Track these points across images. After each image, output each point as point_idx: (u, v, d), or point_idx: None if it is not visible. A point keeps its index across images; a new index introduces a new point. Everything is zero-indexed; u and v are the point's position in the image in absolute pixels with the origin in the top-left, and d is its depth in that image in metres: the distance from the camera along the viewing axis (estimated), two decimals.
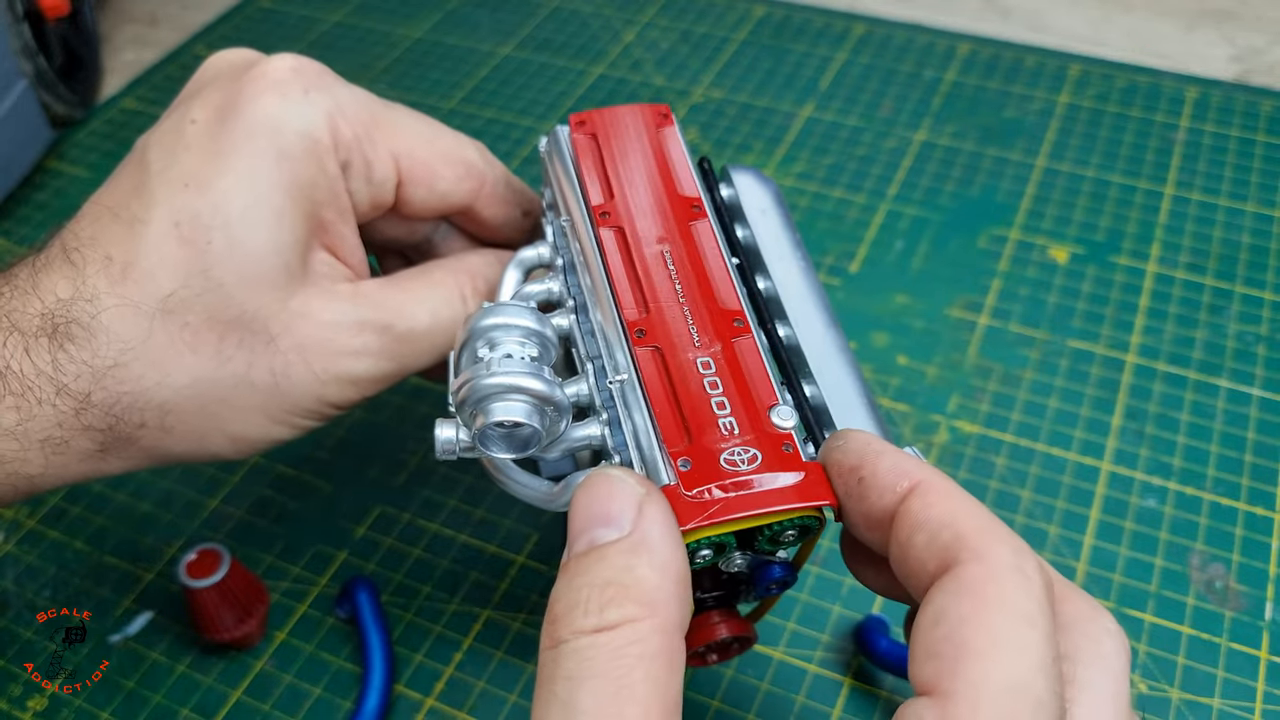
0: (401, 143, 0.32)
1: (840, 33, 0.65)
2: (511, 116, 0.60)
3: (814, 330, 0.28)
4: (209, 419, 0.29)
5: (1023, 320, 0.48)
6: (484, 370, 0.26)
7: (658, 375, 0.26)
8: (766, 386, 0.26)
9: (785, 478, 0.24)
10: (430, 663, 0.37)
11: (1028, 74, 0.61)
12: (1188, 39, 0.64)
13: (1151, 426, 0.43)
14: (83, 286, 0.28)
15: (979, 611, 0.20)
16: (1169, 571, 0.39)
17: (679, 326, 0.27)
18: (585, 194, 0.31)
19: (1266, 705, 0.35)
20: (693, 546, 0.24)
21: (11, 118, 0.54)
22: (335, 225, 0.31)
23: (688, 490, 0.24)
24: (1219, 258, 0.50)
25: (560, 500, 0.28)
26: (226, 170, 0.29)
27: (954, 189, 0.54)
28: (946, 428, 0.44)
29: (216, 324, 0.29)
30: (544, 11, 0.68)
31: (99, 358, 0.28)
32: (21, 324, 0.28)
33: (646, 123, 0.33)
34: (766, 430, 0.25)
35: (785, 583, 0.27)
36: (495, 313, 0.27)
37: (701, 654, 0.28)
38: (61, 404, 0.27)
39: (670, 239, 0.29)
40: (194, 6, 0.71)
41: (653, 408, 0.26)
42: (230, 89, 0.30)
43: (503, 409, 0.26)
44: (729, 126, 0.59)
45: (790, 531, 0.25)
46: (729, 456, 0.24)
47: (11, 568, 0.41)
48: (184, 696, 0.37)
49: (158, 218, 0.28)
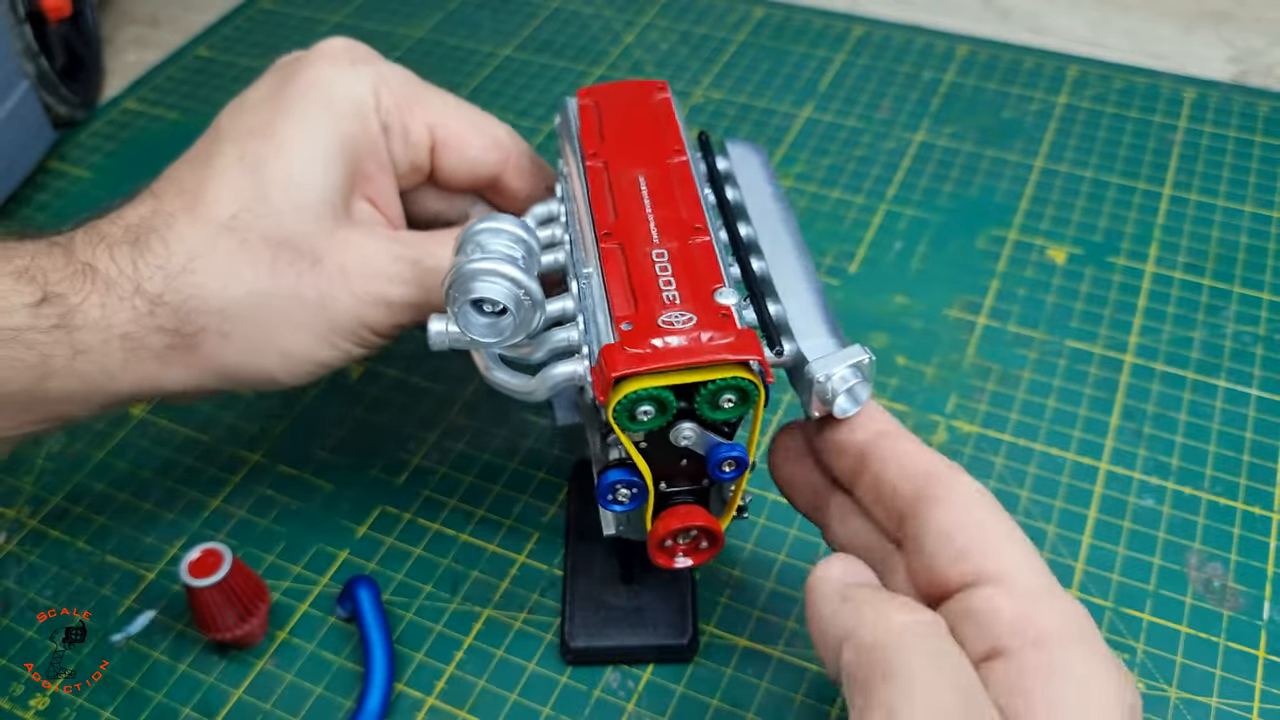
0: (436, 114, 0.37)
1: (839, 34, 0.65)
2: (512, 118, 0.60)
3: (785, 260, 0.32)
4: (261, 330, 0.33)
5: (1021, 320, 0.48)
6: (468, 258, 0.29)
7: (617, 264, 0.30)
8: (714, 273, 0.29)
9: (718, 336, 0.27)
10: (431, 662, 0.37)
11: (1026, 75, 0.61)
12: (1186, 40, 0.64)
13: (1149, 426, 0.43)
14: (159, 207, 0.33)
15: None
16: (1167, 571, 0.39)
17: (642, 229, 0.31)
18: (581, 143, 0.35)
19: (1264, 704, 0.35)
20: (633, 397, 0.26)
21: (13, 119, 0.55)
22: (376, 177, 0.36)
23: (629, 347, 0.27)
24: (1217, 258, 0.50)
25: (537, 393, 0.31)
26: (285, 122, 0.34)
27: (952, 189, 0.55)
28: (945, 427, 0.44)
29: (271, 244, 0.33)
30: (544, 13, 0.69)
31: (171, 263, 0.32)
32: (109, 235, 0.33)
33: (643, 92, 0.37)
34: (708, 304, 0.28)
35: (739, 462, 0.29)
36: (487, 219, 0.31)
37: (670, 549, 0.31)
38: (138, 302, 0.32)
39: (647, 170, 0.33)
40: (195, 8, 0.72)
41: (608, 286, 0.29)
42: (290, 66, 0.36)
43: (481, 287, 0.28)
44: (728, 127, 0.59)
45: (728, 395, 0.27)
46: (666, 319, 0.28)
47: (14, 567, 0.41)
48: (185, 695, 0.37)
49: (226, 154, 0.34)
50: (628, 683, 0.37)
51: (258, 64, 0.66)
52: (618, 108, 0.36)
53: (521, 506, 0.42)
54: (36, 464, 0.44)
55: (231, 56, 0.67)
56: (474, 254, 0.30)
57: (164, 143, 0.61)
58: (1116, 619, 0.38)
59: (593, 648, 0.37)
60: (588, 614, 0.37)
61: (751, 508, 0.41)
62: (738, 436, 0.29)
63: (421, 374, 0.47)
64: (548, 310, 0.30)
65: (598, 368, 0.28)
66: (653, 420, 0.27)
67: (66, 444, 0.45)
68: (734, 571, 0.39)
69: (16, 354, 0.31)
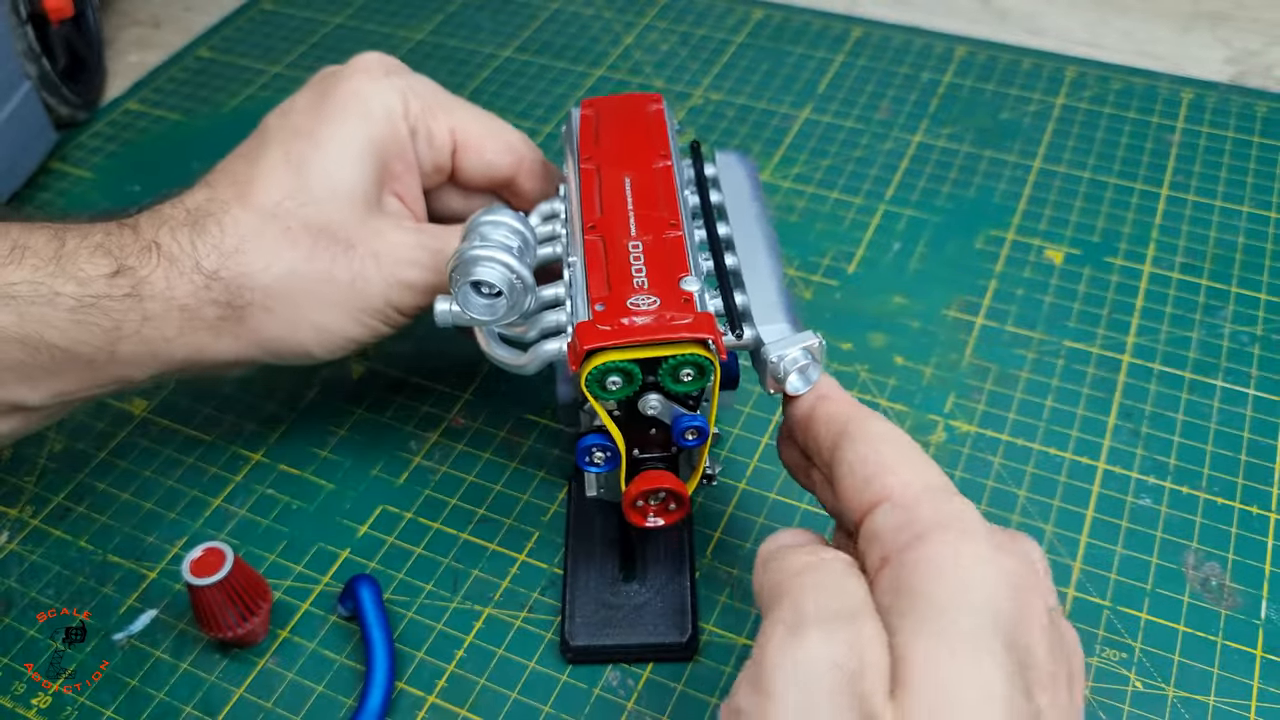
0: (458, 120, 0.41)
1: (838, 35, 0.65)
2: (513, 119, 0.61)
3: (755, 257, 0.35)
4: (300, 307, 0.37)
5: (1019, 320, 0.48)
6: (470, 245, 0.33)
7: (597, 253, 0.34)
8: (681, 263, 0.33)
9: (678, 317, 0.31)
10: (432, 660, 0.38)
11: (1024, 76, 0.62)
12: (1183, 41, 0.65)
13: (1147, 426, 0.44)
14: (214, 195, 0.37)
15: None
16: (1165, 570, 0.39)
17: (622, 223, 0.35)
18: (579, 148, 0.39)
19: (1261, 703, 0.35)
20: (602, 368, 0.30)
21: (15, 120, 0.55)
22: (404, 176, 0.40)
23: (599, 324, 0.31)
24: (1214, 258, 0.51)
25: (529, 367, 0.34)
26: (325, 126, 0.38)
27: (951, 190, 0.55)
28: (943, 427, 0.44)
29: (311, 229, 0.37)
30: (544, 14, 0.69)
31: (225, 244, 0.36)
32: (171, 218, 0.37)
33: (639, 103, 0.41)
34: (673, 290, 0.32)
35: (700, 431, 0.33)
36: (489, 212, 0.35)
37: (642, 509, 0.34)
38: (196, 277, 0.36)
39: (633, 173, 0.37)
40: (197, 9, 0.72)
41: (588, 272, 0.33)
42: (330, 78, 0.40)
43: (480, 270, 0.32)
44: (728, 128, 0.59)
45: (687, 370, 0.31)
46: (634, 302, 0.31)
47: (15, 566, 0.41)
48: (187, 694, 0.37)
49: (273, 152, 0.38)
50: (628, 681, 0.37)
51: (259, 65, 0.66)
52: (615, 117, 0.40)
53: (521, 506, 0.42)
54: (39, 463, 0.44)
55: (233, 58, 0.67)
56: (475, 242, 0.33)
57: (165, 143, 0.61)
58: (1114, 618, 0.38)
59: (593, 646, 0.37)
60: (588, 613, 0.37)
61: (751, 508, 0.41)
62: (702, 409, 0.33)
63: (421, 374, 0.47)
64: (542, 295, 0.34)
65: (573, 342, 0.31)
66: (621, 390, 0.31)
67: (68, 443, 0.45)
68: (734, 570, 0.40)
69: (94, 319, 0.35)
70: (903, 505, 0.27)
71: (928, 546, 0.25)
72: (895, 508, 0.27)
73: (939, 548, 0.25)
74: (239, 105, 0.63)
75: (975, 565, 0.25)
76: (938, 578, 0.25)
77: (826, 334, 0.48)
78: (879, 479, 0.28)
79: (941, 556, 0.25)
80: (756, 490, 0.42)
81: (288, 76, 0.65)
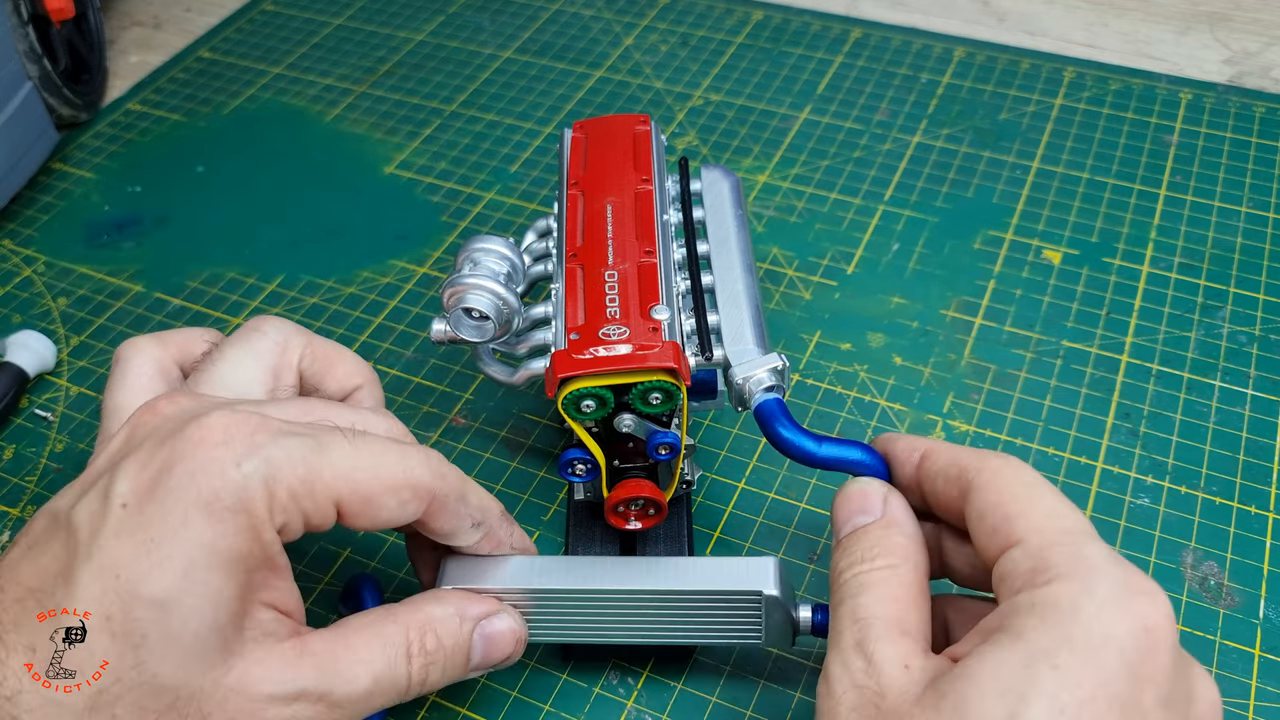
0: (343, 484, 0.30)
1: (837, 36, 0.66)
2: (513, 120, 0.61)
3: (730, 276, 0.38)
4: None
5: (1017, 321, 0.48)
6: (461, 275, 0.36)
7: (575, 282, 0.36)
8: (653, 292, 0.35)
9: (646, 347, 0.33)
10: None
11: (1023, 77, 0.62)
12: (1182, 42, 0.65)
13: (1145, 425, 0.44)
14: (5, 681, 0.27)
15: None
16: (1163, 569, 0.39)
17: (601, 251, 0.37)
18: (567, 172, 0.41)
19: (1260, 702, 0.36)
20: (576, 394, 0.33)
21: (17, 120, 0.55)
22: (271, 582, 0.30)
23: (573, 354, 0.33)
24: (1212, 259, 0.51)
25: (520, 384, 0.38)
26: (160, 559, 0.27)
27: (950, 191, 0.55)
28: (942, 427, 0.44)
29: (148, 714, 0.27)
30: (544, 15, 0.69)
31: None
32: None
33: (626, 125, 0.43)
34: (643, 320, 0.34)
35: (671, 447, 0.35)
36: (481, 240, 0.37)
37: (623, 513, 0.36)
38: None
39: (615, 198, 0.39)
40: (198, 10, 0.72)
41: (567, 302, 0.36)
42: (162, 460, 0.28)
43: (470, 299, 0.35)
44: (727, 129, 0.59)
45: (655, 394, 0.33)
46: (605, 332, 0.34)
47: None
48: None
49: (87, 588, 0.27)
50: (627, 680, 0.37)
51: (260, 66, 0.66)
52: (602, 140, 0.42)
53: (522, 506, 0.42)
54: (40, 463, 0.44)
55: (234, 58, 0.67)
56: (466, 270, 0.36)
57: (167, 144, 0.61)
58: None
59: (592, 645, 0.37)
60: None
61: (750, 508, 0.41)
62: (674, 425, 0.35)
63: (421, 374, 0.47)
64: (532, 313, 0.37)
65: (549, 370, 0.33)
66: (595, 412, 0.33)
67: (70, 443, 0.45)
68: None
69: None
70: (1031, 550, 0.26)
71: (1056, 590, 0.25)
72: (1026, 554, 0.26)
73: (1070, 593, 0.25)
74: (240, 106, 0.63)
75: (1111, 613, 0.25)
76: (1060, 623, 0.25)
77: (825, 334, 0.48)
78: (1005, 529, 0.27)
79: (1072, 604, 0.25)
80: (756, 490, 0.42)
81: (288, 77, 0.65)
